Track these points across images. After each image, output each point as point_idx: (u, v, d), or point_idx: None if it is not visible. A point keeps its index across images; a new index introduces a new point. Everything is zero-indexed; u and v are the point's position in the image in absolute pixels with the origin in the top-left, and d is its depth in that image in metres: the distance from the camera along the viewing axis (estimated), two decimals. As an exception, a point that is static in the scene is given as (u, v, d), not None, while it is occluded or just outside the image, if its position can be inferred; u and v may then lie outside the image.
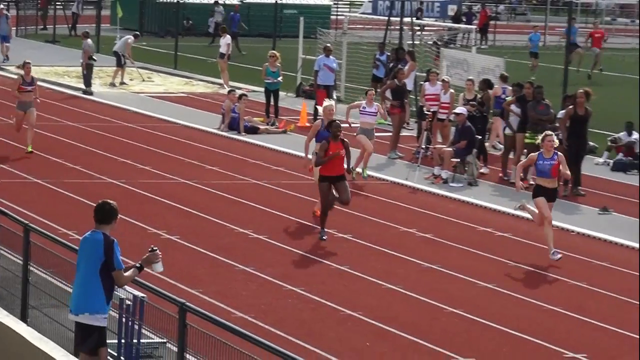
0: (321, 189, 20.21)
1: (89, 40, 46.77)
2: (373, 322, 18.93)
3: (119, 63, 47.91)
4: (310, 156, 22.78)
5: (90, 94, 45.65)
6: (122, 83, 48.38)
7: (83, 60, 45.70)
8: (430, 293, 20.54)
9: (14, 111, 28.15)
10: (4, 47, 55.04)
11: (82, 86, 46.09)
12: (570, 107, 29.75)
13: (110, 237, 13.87)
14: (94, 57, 46.54)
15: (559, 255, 20.05)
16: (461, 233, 25.67)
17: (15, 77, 30.98)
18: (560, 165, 19.94)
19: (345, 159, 20.43)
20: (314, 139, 22.30)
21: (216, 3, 66.75)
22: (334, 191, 21.02)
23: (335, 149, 19.95)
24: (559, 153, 20.04)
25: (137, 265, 14.18)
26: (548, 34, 77.79)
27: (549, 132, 20.35)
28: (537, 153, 19.81)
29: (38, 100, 28.04)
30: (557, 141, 20.53)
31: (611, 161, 33.63)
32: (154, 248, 14.35)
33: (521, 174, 21.59)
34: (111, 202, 14.48)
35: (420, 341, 18.04)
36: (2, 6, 58.10)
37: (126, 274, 13.84)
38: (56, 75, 49.77)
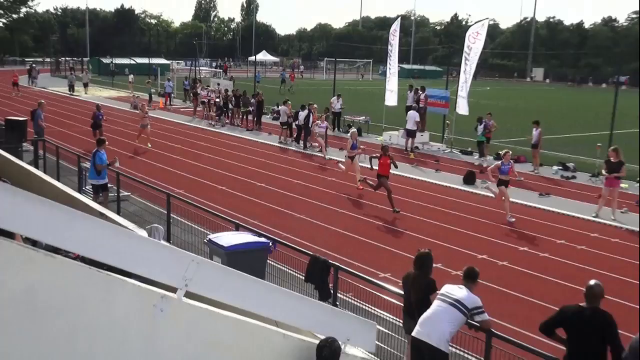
0: (383, 181, 16.94)
1: (73, 76, 52.34)
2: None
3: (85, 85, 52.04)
4: (343, 158, 21.11)
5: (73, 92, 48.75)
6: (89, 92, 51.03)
7: (68, 84, 50.66)
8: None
9: (138, 128, 26.27)
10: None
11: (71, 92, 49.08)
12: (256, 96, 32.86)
13: (99, 151, 14.29)
14: (74, 84, 50.62)
15: (513, 219, 16.58)
16: (203, 140, 27.94)
17: (139, 111, 28.86)
18: (513, 167, 17.16)
19: (391, 164, 17.12)
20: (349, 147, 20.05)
21: (113, 63, 73.48)
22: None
23: (385, 160, 16.95)
24: (511, 161, 17.01)
25: (107, 163, 14.39)
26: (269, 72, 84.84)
27: (508, 151, 16.97)
28: (500, 161, 16.53)
29: (148, 121, 26.36)
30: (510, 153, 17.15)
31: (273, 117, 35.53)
32: (116, 158, 15.08)
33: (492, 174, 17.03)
34: (102, 137, 15.81)
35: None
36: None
37: (102, 165, 14.23)
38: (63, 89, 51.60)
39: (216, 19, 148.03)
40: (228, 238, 9.22)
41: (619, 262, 13.74)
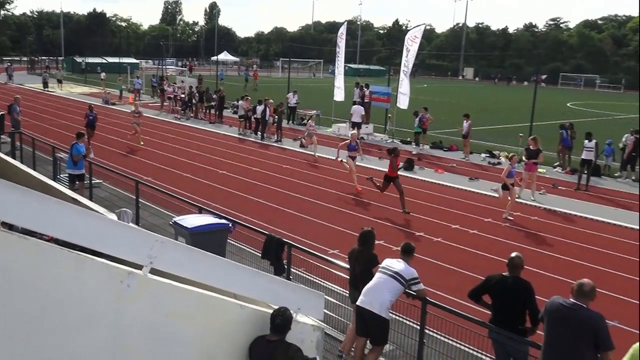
0: (383, 183, 15.66)
1: (47, 74, 51.48)
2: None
3: (59, 82, 51.10)
4: (340, 158, 18.55)
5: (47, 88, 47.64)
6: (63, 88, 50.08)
7: (42, 81, 48.90)
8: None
9: (131, 127, 24.54)
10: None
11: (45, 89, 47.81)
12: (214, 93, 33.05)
13: (77, 143, 13.74)
14: (48, 81, 49.35)
15: (511, 218, 15.33)
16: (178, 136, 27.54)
17: (131, 110, 25.66)
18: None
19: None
20: (345, 148, 18.16)
21: (85, 63, 72.86)
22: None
23: (398, 162, 15.67)
24: (517, 164, 16.28)
25: (83, 154, 13.84)
26: (230, 70, 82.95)
27: (514, 154, 16.46)
28: (510, 164, 15.34)
29: (141, 119, 24.39)
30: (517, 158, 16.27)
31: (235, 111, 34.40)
32: (91, 149, 14.88)
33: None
34: (81, 130, 15.36)
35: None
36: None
37: (79, 156, 13.65)
38: (38, 86, 49.99)
39: (181, 22, 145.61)
40: (192, 220, 9.02)
41: (537, 237, 13.85)
